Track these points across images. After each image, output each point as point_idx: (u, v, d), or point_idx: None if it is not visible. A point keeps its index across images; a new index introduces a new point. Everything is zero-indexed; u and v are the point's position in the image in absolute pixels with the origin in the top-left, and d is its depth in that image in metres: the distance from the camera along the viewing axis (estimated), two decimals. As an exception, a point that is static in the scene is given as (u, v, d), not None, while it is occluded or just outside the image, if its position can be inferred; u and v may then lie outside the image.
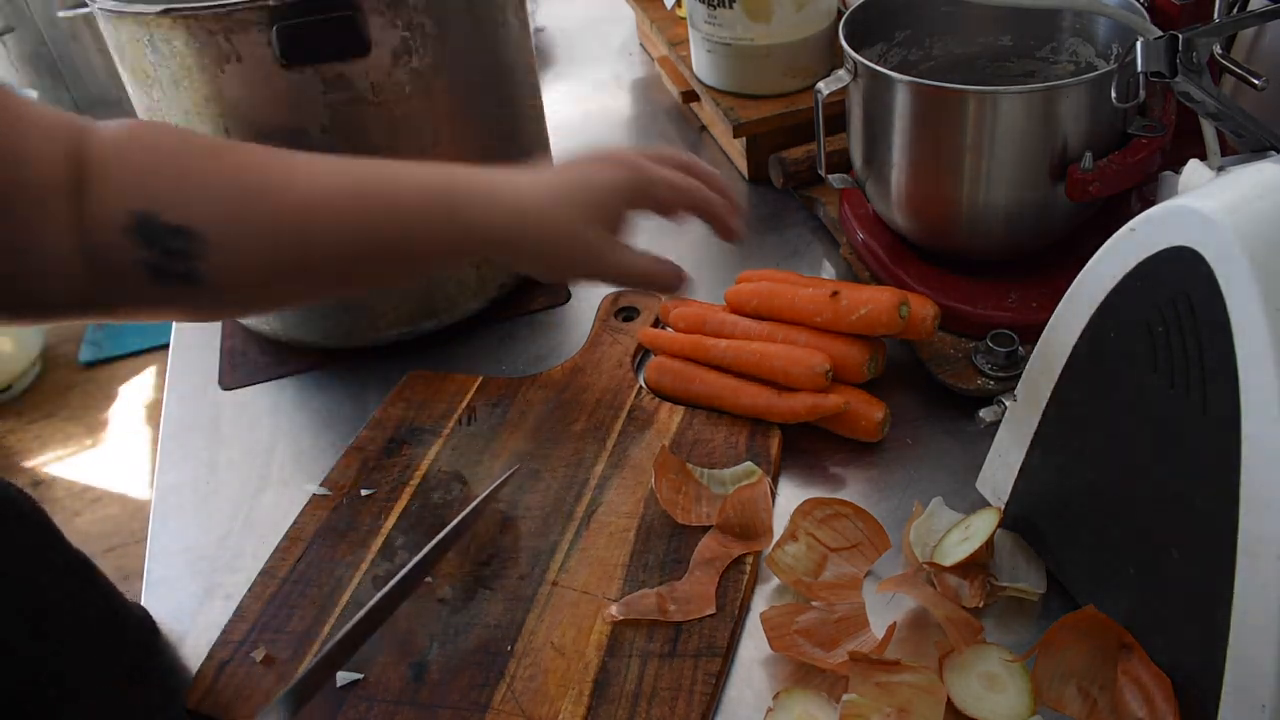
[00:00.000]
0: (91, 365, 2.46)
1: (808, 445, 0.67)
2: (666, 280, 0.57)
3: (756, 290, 0.72)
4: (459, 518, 0.59)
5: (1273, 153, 0.46)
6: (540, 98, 0.83)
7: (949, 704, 0.49)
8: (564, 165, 0.57)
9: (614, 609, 0.57)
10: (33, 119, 0.45)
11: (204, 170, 0.49)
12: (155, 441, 1.46)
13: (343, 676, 0.55)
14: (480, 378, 0.74)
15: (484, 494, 0.61)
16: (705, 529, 0.61)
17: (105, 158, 0.47)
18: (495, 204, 0.53)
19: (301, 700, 0.50)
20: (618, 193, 0.55)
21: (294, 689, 0.49)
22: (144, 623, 0.60)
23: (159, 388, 2.36)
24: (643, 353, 0.76)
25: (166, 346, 0.86)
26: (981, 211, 0.68)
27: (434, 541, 0.57)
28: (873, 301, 0.66)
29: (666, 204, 0.57)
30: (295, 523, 0.65)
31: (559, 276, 0.60)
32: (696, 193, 0.57)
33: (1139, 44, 0.51)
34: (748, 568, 0.59)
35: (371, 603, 0.53)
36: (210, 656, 0.57)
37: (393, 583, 0.55)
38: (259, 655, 0.57)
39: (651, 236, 0.91)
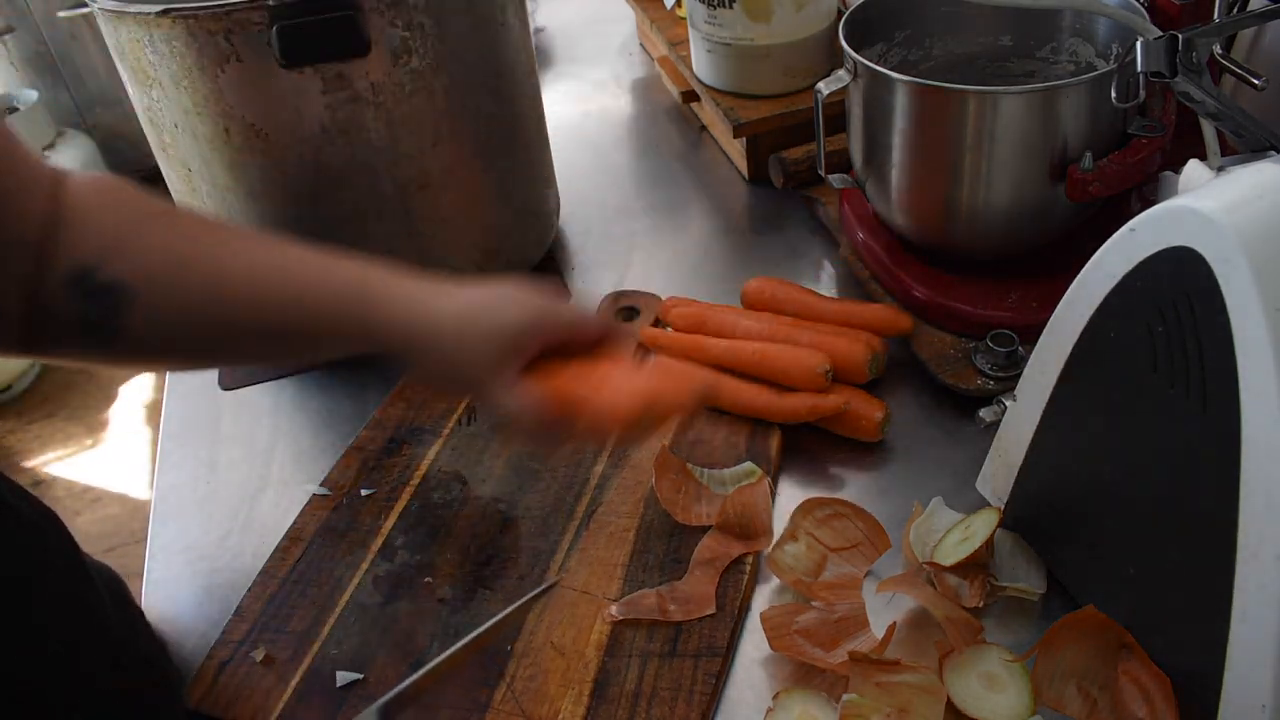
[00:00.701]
0: (91, 365, 2.46)
1: (808, 445, 0.67)
2: (543, 437, 0.55)
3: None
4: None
5: (1273, 153, 0.46)
6: (540, 98, 0.83)
7: (949, 704, 0.49)
8: (480, 288, 0.56)
9: (614, 609, 0.57)
10: (19, 172, 0.47)
11: (150, 231, 0.52)
12: (155, 441, 1.46)
13: (342, 676, 0.55)
14: (480, 378, 0.74)
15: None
16: (705, 529, 0.61)
17: (73, 213, 0.49)
18: (412, 311, 0.54)
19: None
20: (524, 330, 0.54)
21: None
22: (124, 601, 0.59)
23: (159, 388, 2.36)
24: (643, 353, 0.76)
25: (167, 346, 0.86)
26: (981, 211, 0.68)
27: None
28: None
29: (565, 343, 0.56)
30: (295, 523, 0.65)
31: (453, 391, 0.65)
32: (593, 327, 0.57)
33: (1139, 44, 0.51)
34: (748, 568, 0.59)
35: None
36: (210, 656, 0.57)
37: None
38: (259, 655, 0.57)
39: (659, 236, 0.91)
